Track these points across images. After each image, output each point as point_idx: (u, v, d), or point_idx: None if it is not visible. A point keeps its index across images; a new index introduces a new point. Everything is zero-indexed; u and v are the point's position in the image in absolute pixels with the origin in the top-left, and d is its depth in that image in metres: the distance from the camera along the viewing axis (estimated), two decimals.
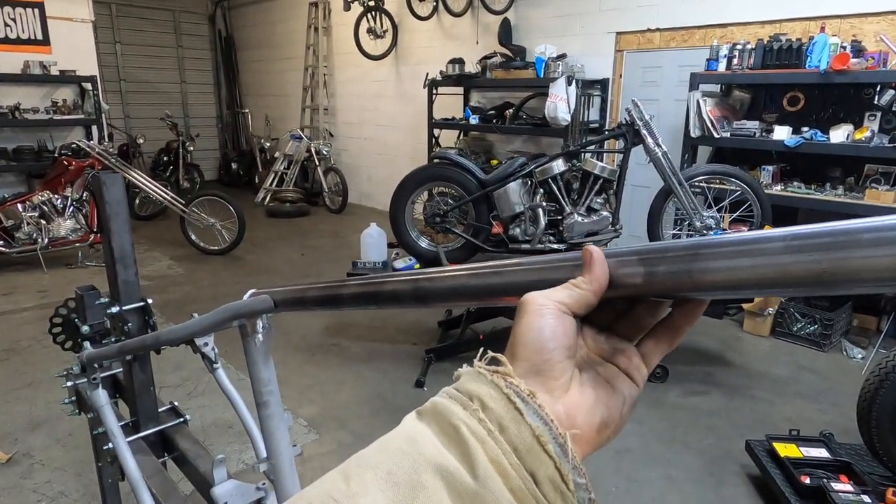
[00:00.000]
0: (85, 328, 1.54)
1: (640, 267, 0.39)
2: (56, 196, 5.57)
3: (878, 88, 3.98)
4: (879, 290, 0.32)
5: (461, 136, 6.98)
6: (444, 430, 0.34)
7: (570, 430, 0.35)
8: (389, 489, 0.32)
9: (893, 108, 3.93)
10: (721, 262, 0.35)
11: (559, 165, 3.80)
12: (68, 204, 5.59)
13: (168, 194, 5.94)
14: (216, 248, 6.15)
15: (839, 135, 4.08)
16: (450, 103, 6.86)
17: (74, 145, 5.86)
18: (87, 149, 5.73)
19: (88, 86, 7.10)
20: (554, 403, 0.36)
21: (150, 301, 1.40)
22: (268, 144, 9.54)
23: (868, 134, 3.98)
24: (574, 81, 5.25)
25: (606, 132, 4.84)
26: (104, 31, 9.51)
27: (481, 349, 0.39)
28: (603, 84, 5.67)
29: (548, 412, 0.35)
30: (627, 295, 0.40)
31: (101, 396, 1.31)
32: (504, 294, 0.49)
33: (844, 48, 3.98)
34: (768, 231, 0.34)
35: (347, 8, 7.57)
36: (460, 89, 6.82)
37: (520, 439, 0.33)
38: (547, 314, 0.38)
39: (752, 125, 4.52)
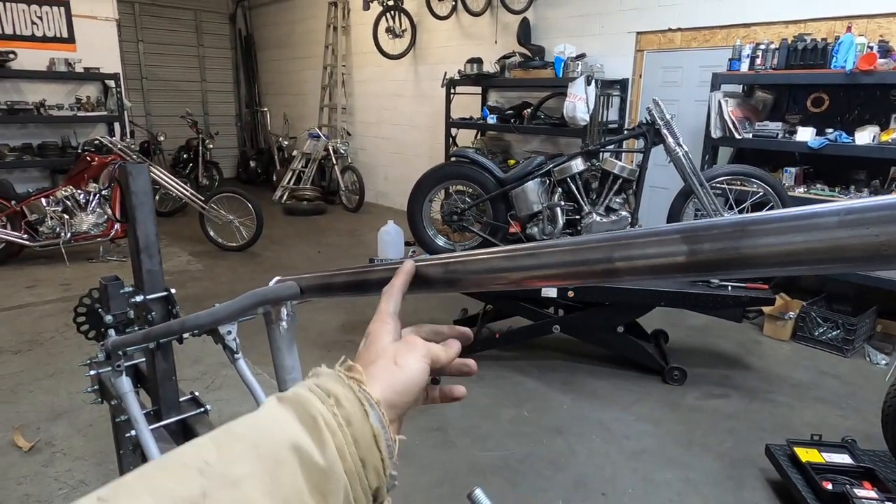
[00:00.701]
0: (108, 318, 1.56)
1: (682, 245, 0.38)
2: (79, 191, 5.66)
3: None
4: None
5: (478, 136, 6.97)
6: (303, 417, 0.40)
7: (398, 437, 0.45)
8: (256, 460, 0.37)
9: None
10: (771, 239, 0.34)
11: (578, 164, 3.77)
12: (92, 197, 5.67)
13: (188, 191, 6.00)
14: (234, 244, 6.20)
15: (865, 136, 4.01)
16: (467, 103, 6.86)
17: (97, 142, 5.94)
18: (110, 145, 5.82)
19: (111, 83, 7.22)
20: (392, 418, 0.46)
21: (173, 291, 1.41)
22: (286, 143, 9.61)
23: (895, 136, 3.90)
24: (593, 81, 5.22)
25: (626, 131, 4.80)
26: (127, 29, 9.66)
27: (343, 357, 0.48)
28: (622, 84, 5.63)
29: (387, 420, 0.44)
30: (670, 272, 0.40)
31: (125, 383, 1.32)
32: (540, 276, 0.48)
33: (871, 48, 3.90)
34: (821, 206, 0.33)
35: (367, 7, 7.60)
36: (478, 89, 6.81)
37: (361, 435, 0.42)
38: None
39: (774, 126, 4.45)
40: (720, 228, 0.37)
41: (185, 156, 9.06)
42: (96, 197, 5.68)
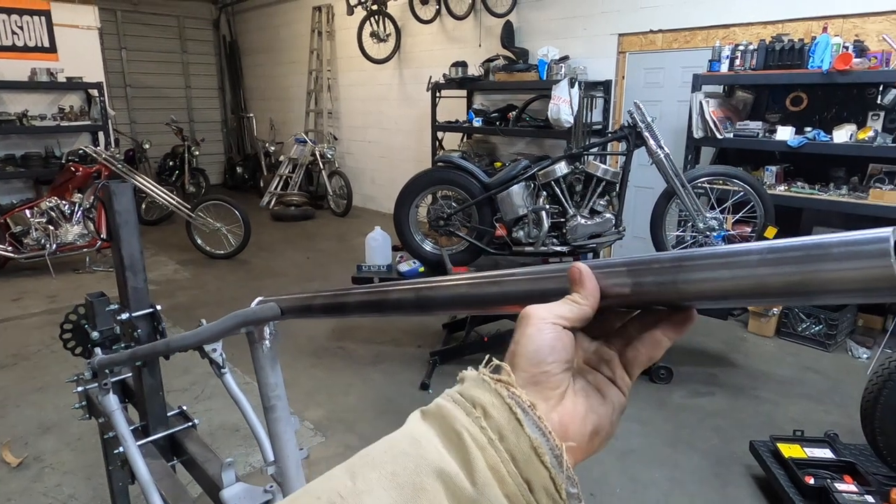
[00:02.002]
0: (95, 334, 1.57)
1: (628, 278, 0.41)
2: (64, 202, 5.62)
3: (881, 88, 3.97)
4: (849, 301, 0.34)
5: (464, 139, 7.01)
6: (446, 434, 0.35)
7: (565, 442, 0.36)
8: (393, 490, 0.33)
9: None
10: (703, 274, 0.37)
11: (562, 168, 3.81)
12: (77, 208, 5.64)
13: (174, 199, 5.98)
14: (222, 252, 6.19)
15: (842, 135, 4.08)
16: (453, 106, 6.89)
17: (81, 151, 5.91)
18: (94, 155, 5.79)
19: (95, 92, 7.17)
20: (550, 412, 0.38)
21: (159, 307, 1.43)
22: (272, 148, 9.60)
23: (871, 134, 3.97)
24: (577, 83, 5.27)
25: (609, 134, 4.85)
26: (110, 37, 9.59)
27: (487, 356, 0.41)
28: (606, 86, 5.68)
29: (546, 423, 0.36)
30: (618, 304, 0.42)
31: (112, 401, 1.33)
32: (501, 303, 0.51)
33: (847, 48, 3.97)
34: (747, 245, 0.36)
35: (351, 12, 7.61)
36: (463, 92, 6.85)
37: (518, 449, 0.35)
38: (547, 329, 0.39)
39: (755, 126, 4.52)
40: (661, 263, 0.40)
41: (170, 163, 9.01)
42: (81, 208, 5.64)
